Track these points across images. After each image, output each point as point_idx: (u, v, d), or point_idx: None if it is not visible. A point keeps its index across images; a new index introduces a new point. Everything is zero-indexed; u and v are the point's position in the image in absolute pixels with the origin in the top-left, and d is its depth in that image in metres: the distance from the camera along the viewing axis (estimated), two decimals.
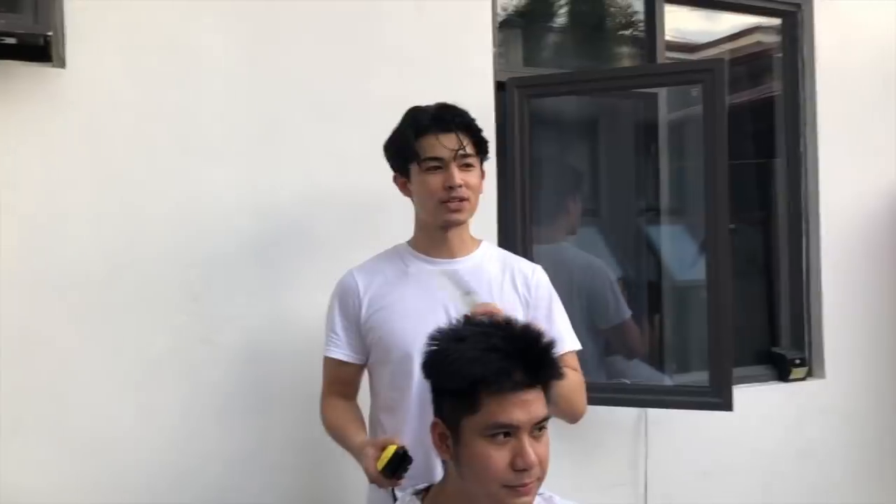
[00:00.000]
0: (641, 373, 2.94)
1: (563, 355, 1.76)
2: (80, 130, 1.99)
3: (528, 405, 1.28)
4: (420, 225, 1.83)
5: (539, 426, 1.30)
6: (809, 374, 3.00)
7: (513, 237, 2.46)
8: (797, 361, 2.97)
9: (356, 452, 1.68)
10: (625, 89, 2.63)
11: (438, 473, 1.60)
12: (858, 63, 3.06)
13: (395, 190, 1.90)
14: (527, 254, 2.43)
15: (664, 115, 2.82)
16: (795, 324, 3.07)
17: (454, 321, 1.49)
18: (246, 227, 2.14)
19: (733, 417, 2.51)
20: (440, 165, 1.73)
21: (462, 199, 1.73)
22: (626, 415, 2.63)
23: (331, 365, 1.83)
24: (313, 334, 1.91)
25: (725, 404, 2.31)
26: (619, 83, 2.52)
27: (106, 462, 1.99)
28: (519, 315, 1.71)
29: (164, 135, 2.06)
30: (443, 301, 1.74)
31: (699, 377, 2.83)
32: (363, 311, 1.78)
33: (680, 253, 3.09)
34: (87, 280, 1.98)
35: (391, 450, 1.54)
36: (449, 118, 1.74)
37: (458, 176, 1.72)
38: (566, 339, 1.82)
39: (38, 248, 1.94)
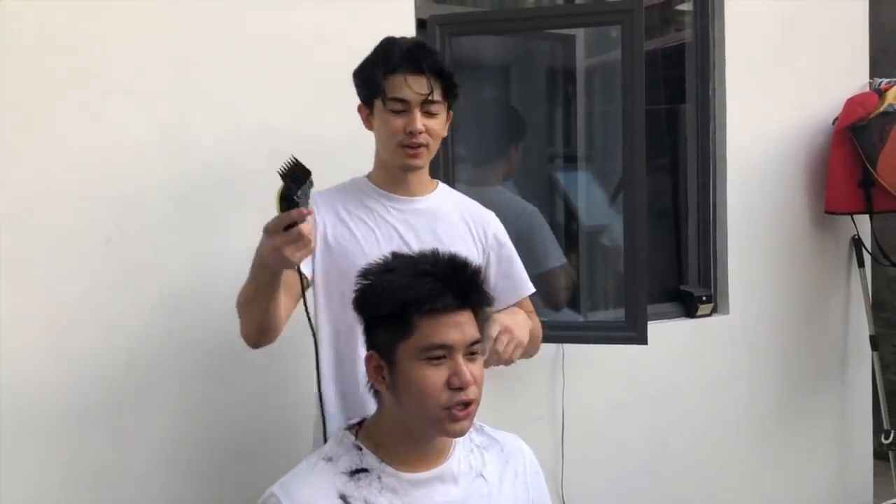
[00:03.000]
0: (558, 313, 3.03)
1: (523, 300, 1.86)
2: None
3: (462, 326, 1.32)
4: (379, 162, 1.81)
5: (472, 349, 1.34)
6: (715, 311, 3.14)
7: (435, 177, 2.45)
8: (703, 299, 3.10)
9: (258, 252, 1.50)
10: (545, 28, 2.63)
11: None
12: (763, 9, 3.16)
13: (318, 131, 1.86)
14: None
15: (581, 58, 2.85)
16: (703, 263, 3.20)
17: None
18: (160, 169, 2.06)
19: (645, 352, 2.61)
20: (404, 109, 1.69)
21: (421, 146, 1.71)
22: (544, 352, 2.68)
23: None
24: (234, 282, 1.82)
25: (640, 338, 2.40)
26: (540, 23, 2.53)
27: (19, 410, 1.92)
28: (472, 255, 1.76)
29: (71, 70, 1.96)
30: (399, 237, 1.73)
31: (612, 316, 2.95)
32: (324, 229, 1.72)
33: (593, 198, 3.16)
34: None
35: (279, 190, 1.38)
36: (421, 59, 1.67)
37: (420, 121, 1.68)
38: (528, 283, 1.87)
39: None
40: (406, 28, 2.40)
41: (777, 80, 3.20)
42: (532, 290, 1.88)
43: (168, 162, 2.07)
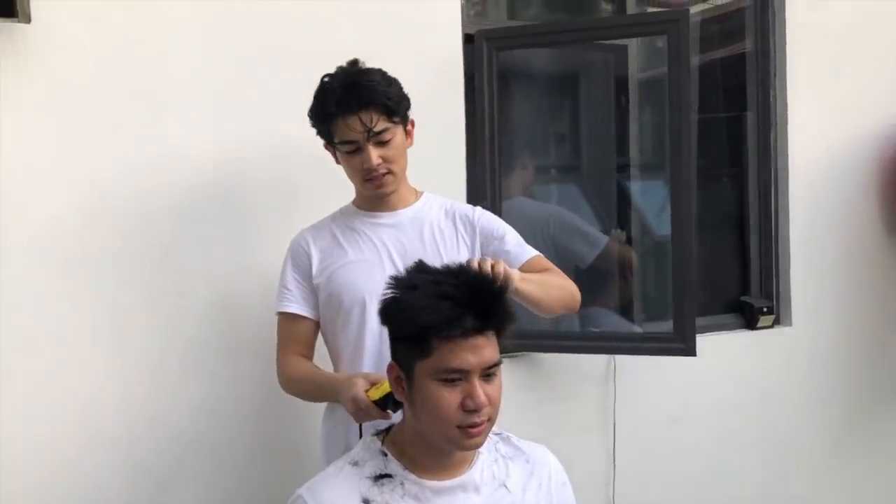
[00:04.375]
0: (613, 323, 3.01)
1: (529, 261, 1.85)
2: (47, 86, 1.99)
3: (480, 350, 1.32)
4: (357, 189, 1.90)
5: (490, 370, 1.35)
6: (777, 323, 3.06)
7: (482, 192, 2.49)
8: (765, 310, 3.03)
9: (339, 383, 1.70)
10: (592, 40, 2.64)
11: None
12: (828, 15, 3.07)
13: None
14: (496, 209, 2.47)
15: (634, 68, 2.84)
16: (765, 274, 3.12)
17: (401, 271, 1.53)
18: (213, 182, 2.16)
19: (700, 365, 2.58)
20: (356, 148, 1.76)
21: (384, 175, 1.78)
22: (595, 363, 2.69)
23: (285, 322, 1.87)
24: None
25: (689, 350, 2.37)
26: (586, 34, 2.54)
27: (81, 413, 2.04)
28: (462, 252, 1.82)
29: (130, 87, 2.07)
30: (388, 252, 1.82)
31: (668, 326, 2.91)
32: (314, 268, 1.84)
33: (654, 208, 3.14)
34: (58, 235, 2.01)
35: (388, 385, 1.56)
36: (352, 100, 1.72)
37: (375, 155, 1.75)
38: (525, 250, 1.88)
39: (7, 204, 1.96)
40: (453, 43, 2.45)
41: (842, 87, 3.09)
42: (533, 253, 1.88)
43: (219, 176, 2.17)
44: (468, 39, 2.49)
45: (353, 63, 1.82)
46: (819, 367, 3.08)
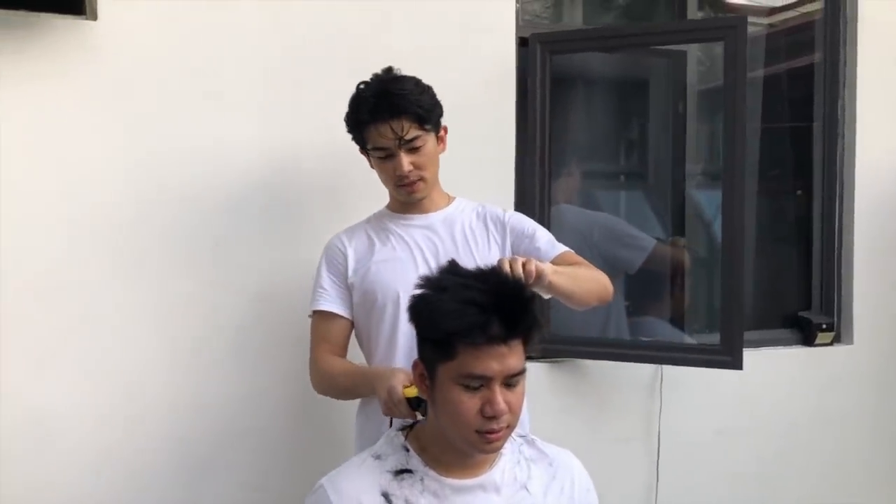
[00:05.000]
0: (664, 332, 2.97)
1: (560, 256, 1.86)
2: (111, 80, 2.08)
3: (504, 358, 1.32)
4: (389, 192, 1.94)
5: (512, 378, 1.34)
6: (837, 340, 2.97)
7: (531, 196, 2.49)
8: (824, 326, 2.94)
9: (378, 373, 1.73)
10: (648, 45, 2.60)
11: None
12: None
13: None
14: (544, 216, 2.47)
15: (693, 75, 2.79)
16: (826, 289, 3.03)
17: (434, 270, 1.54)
18: (265, 178, 2.22)
19: (753, 379, 2.53)
20: (388, 154, 1.80)
21: (416, 181, 1.82)
22: (642, 372, 2.66)
23: (320, 320, 1.90)
24: None
25: (735, 363, 2.32)
26: (642, 39, 2.51)
27: (129, 395, 2.12)
28: (493, 252, 1.85)
29: (191, 84, 2.15)
30: (421, 252, 1.86)
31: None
32: (350, 268, 1.88)
33: (713, 217, 3.08)
34: (116, 222, 2.09)
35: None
36: (384, 107, 1.77)
37: (406, 161, 1.80)
38: (555, 246, 1.89)
39: (71, 191, 2.06)
40: (507, 47, 2.46)
41: None
42: (564, 249, 1.89)
43: (271, 173, 2.23)
44: (522, 43, 2.49)
45: (388, 71, 1.87)
46: (880, 387, 2.97)
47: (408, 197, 1.87)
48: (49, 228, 2.04)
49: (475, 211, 1.95)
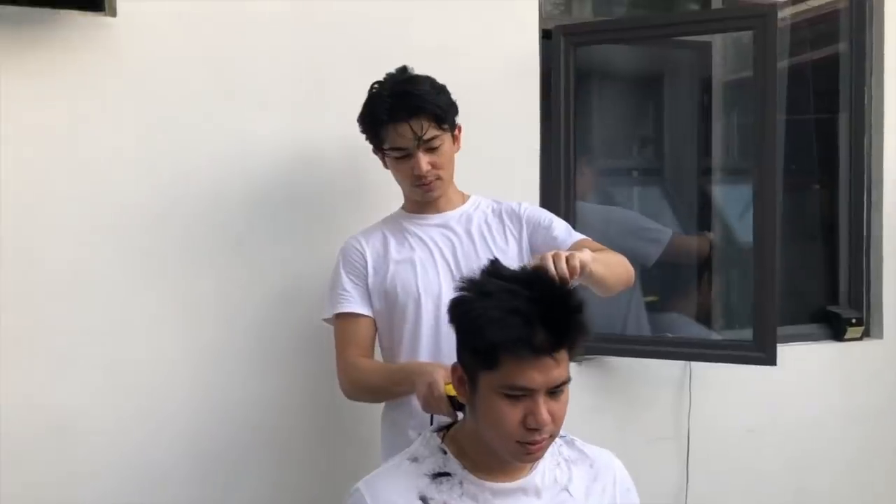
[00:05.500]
0: (688, 329, 2.93)
1: (578, 243, 1.82)
2: (131, 77, 2.05)
3: (549, 369, 1.27)
4: (405, 193, 1.92)
5: (557, 388, 1.30)
6: (866, 335, 2.92)
7: (555, 191, 2.45)
8: (853, 321, 2.89)
9: (417, 368, 1.70)
10: (675, 35, 2.55)
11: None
12: None
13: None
14: (569, 211, 2.43)
15: (718, 67, 2.74)
16: (854, 283, 2.98)
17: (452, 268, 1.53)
18: (289, 174, 2.19)
19: (782, 375, 2.48)
20: (406, 154, 1.79)
21: (433, 180, 1.81)
22: (671, 369, 2.61)
23: (345, 323, 1.86)
24: None
25: (769, 359, 2.28)
26: (669, 30, 2.45)
27: (152, 398, 2.08)
28: (511, 246, 1.84)
29: (212, 82, 2.11)
30: (440, 250, 1.84)
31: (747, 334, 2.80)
32: (369, 269, 1.86)
33: (736, 212, 3.03)
34: (138, 222, 2.06)
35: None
36: (403, 107, 1.76)
37: (424, 161, 1.78)
38: (573, 235, 1.86)
39: (92, 190, 2.02)
40: (530, 38, 2.41)
41: None
42: (581, 236, 1.86)
43: (295, 170, 2.19)
44: (546, 35, 2.45)
45: (402, 70, 1.86)
46: None
47: (424, 196, 1.86)
48: (70, 230, 2.01)
49: (490, 207, 1.93)
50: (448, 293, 1.78)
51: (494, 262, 1.39)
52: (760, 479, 2.72)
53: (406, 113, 1.75)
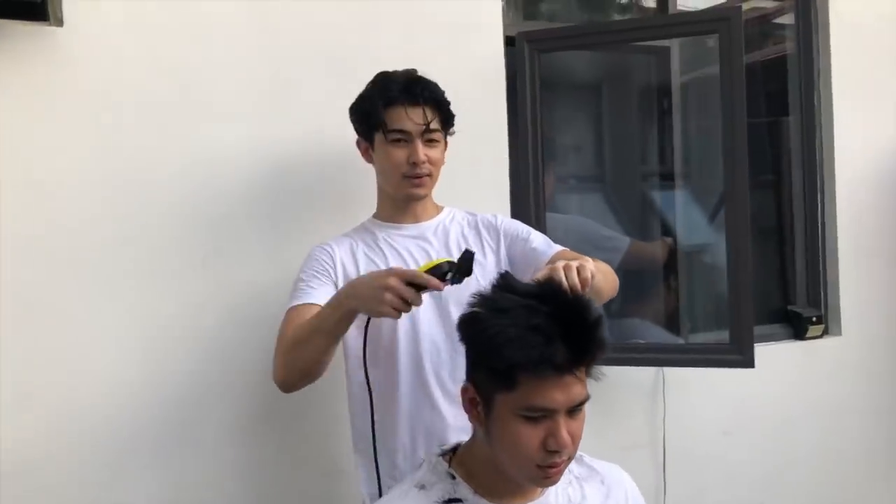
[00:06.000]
0: (656, 335, 2.92)
1: (557, 254, 1.75)
2: (82, 89, 1.92)
3: (569, 388, 1.21)
4: (383, 195, 1.84)
5: (578, 406, 1.24)
6: (826, 332, 2.96)
7: (525, 200, 2.40)
8: (813, 319, 2.93)
9: (356, 283, 1.52)
10: (639, 41, 2.55)
11: (420, 454, 1.60)
12: (872, 17, 2.99)
13: None
14: (539, 220, 2.39)
15: (677, 72, 2.75)
16: (811, 282, 3.02)
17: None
18: (255, 189, 2.08)
19: (750, 376, 2.47)
20: (405, 139, 1.72)
21: (424, 175, 1.75)
22: (642, 376, 2.59)
23: (297, 312, 1.66)
24: None
25: (747, 361, 2.27)
26: (633, 35, 2.44)
27: (114, 430, 1.95)
28: (489, 258, 1.78)
29: (169, 92, 2.00)
30: (416, 262, 1.75)
31: (713, 337, 2.81)
32: (338, 273, 1.75)
33: (691, 217, 3.05)
34: (93, 244, 1.93)
35: (440, 259, 1.46)
36: (418, 91, 1.72)
37: (423, 151, 1.73)
38: (552, 246, 1.80)
39: (43, 212, 1.89)
40: (494, 45, 2.37)
41: (888, 89, 3.01)
42: (559, 248, 1.79)
43: (261, 182, 2.08)
44: (509, 42, 2.41)
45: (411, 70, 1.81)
46: (871, 376, 2.98)
47: (411, 191, 1.77)
48: (20, 251, 1.87)
49: (466, 219, 1.88)
50: (426, 309, 1.72)
51: (506, 276, 1.32)
52: (737, 481, 2.72)
53: (420, 97, 1.72)
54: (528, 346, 1.17)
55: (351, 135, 1.89)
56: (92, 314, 1.93)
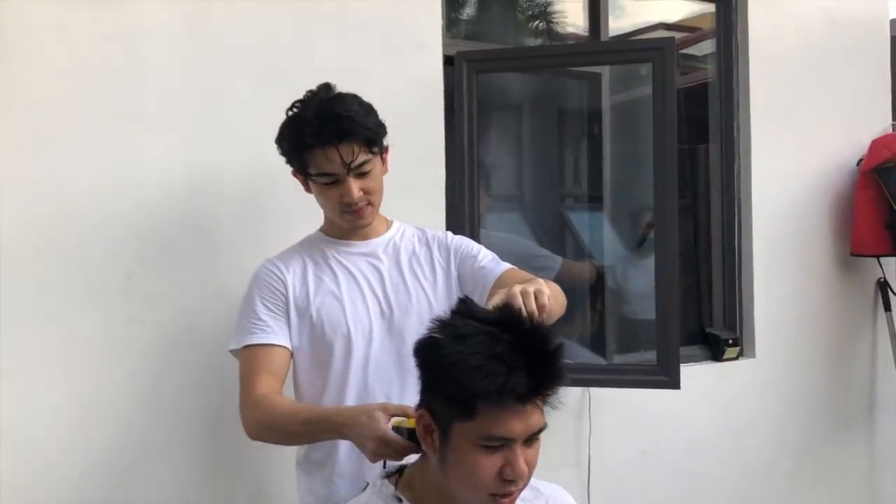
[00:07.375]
0: (581, 356, 2.95)
1: (506, 274, 1.73)
2: (8, 96, 1.82)
3: (528, 417, 1.20)
4: (328, 217, 1.78)
5: (535, 434, 1.23)
6: (741, 354, 3.06)
7: (460, 218, 2.40)
8: (730, 342, 3.03)
9: (353, 419, 1.47)
10: (575, 66, 2.60)
11: (368, 476, 1.53)
12: (789, 50, 3.13)
13: None
14: (475, 238, 2.37)
15: (607, 97, 2.81)
16: (728, 305, 3.12)
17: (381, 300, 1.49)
18: (184, 201, 2.01)
19: (671, 397, 2.53)
20: (335, 179, 1.64)
21: (364, 206, 1.68)
22: (570, 395, 2.62)
23: (256, 354, 1.65)
24: None
25: (673, 382, 2.32)
26: (569, 60, 2.49)
27: (32, 453, 1.84)
28: (439, 276, 1.75)
29: (97, 99, 1.91)
30: (368, 282, 1.72)
31: (634, 359, 2.87)
32: (290, 298, 1.69)
33: (611, 239, 3.11)
34: (13, 255, 1.82)
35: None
36: (332, 131, 1.59)
37: (356, 188, 1.64)
38: (500, 265, 1.78)
39: None
40: (434, 65, 2.37)
41: (802, 120, 3.16)
42: (507, 266, 1.77)
43: (190, 195, 2.02)
44: (448, 62, 2.41)
45: (327, 88, 1.69)
46: (781, 398, 3.10)
47: (354, 224, 1.71)
48: None
49: (416, 235, 1.83)
50: (378, 330, 1.69)
51: (465, 301, 1.31)
52: (654, 497, 2.77)
53: (335, 137, 1.59)
54: (490, 375, 1.15)
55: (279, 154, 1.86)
56: (9, 329, 1.82)
